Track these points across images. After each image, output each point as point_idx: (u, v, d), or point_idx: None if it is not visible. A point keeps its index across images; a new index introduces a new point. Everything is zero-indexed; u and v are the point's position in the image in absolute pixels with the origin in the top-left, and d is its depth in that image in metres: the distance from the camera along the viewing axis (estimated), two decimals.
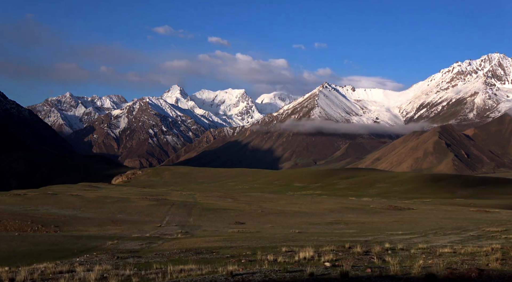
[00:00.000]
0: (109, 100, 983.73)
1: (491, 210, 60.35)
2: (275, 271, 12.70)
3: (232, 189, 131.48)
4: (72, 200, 61.87)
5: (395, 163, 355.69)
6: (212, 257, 19.14)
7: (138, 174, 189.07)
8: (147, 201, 62.36)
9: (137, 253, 22.49)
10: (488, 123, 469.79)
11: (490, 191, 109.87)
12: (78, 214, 48.15)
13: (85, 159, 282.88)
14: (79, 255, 22.48)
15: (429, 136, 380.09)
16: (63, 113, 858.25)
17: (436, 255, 16.81)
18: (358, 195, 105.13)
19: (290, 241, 26.17)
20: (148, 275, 13.57)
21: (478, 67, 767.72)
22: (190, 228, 38.57)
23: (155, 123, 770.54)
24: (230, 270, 12.53)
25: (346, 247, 20.55)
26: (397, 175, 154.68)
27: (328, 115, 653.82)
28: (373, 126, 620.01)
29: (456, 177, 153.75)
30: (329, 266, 13.71)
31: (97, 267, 15.69)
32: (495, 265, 13.14)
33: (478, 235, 27.90)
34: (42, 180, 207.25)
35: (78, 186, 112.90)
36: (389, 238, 27.33)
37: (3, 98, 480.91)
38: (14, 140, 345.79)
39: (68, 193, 74.46)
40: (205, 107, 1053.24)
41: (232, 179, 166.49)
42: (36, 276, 13.93)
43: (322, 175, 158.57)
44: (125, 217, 46.92)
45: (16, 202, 57.69)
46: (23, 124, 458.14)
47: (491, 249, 17.99)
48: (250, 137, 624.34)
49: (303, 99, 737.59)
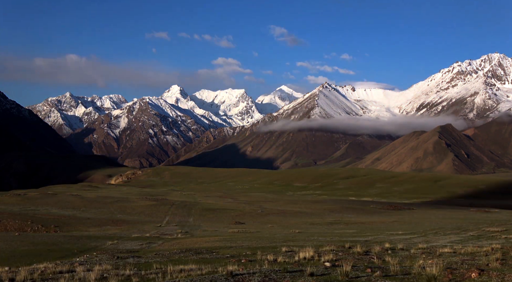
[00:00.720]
0: (109, 100, 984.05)
1: (491, 210, 60.34)
2: (275, 271, 12.70)
3: (232, 189, 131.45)
4: (72, 200, 61.88)
5: (395, 163, 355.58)
6: (212, 257, 19.13)
7: (138, 174, 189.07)
8: (147, 201, 62.37)
9: (137, 253, 22.49)
10: (488, 123, 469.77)
11: (490, 191, 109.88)
12: (78, 214, 48.14)
13: (85, 159, 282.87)
14: (79, 255, 22.47)
15: (429, 136, 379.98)
16: (63, 113, 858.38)
17: (436, 255, 16.80)
18: (358, 195, 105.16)
19: (290, 241, 26.17)
20: (148, 275, 13.56)
21: (478, 67, 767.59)
22: (190, 228, 38.57)
23: (155, 123, 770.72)
24: (230, 270, 12.53)
25: (346, 247, 20.55)
26: (397, 175, 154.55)
27: (328, 115, 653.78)
28: (373, 126, 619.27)
29: (456, 177, 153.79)
30: (329, 266, 13.70)
31: (97, 267, 15.69)
32: (495, 265, 13.13)
33: (478, 235, 27.90)
34: (42, 180, 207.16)
35: (78, 186, 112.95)
36: (389, 238, 27.33)
37: (3, 98, 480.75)
38: (14, 140, 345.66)
39: (68, 193, 74.47)
40: (205, 107, 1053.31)
41: (232, 179, 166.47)
42: (36, 276, 13.92)
43: (322, 175, 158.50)
44: (125, 217, 46.91)
45: (16, 202, 57.69)
46: (23, 124, 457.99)
47: (491, 249, 17.98)
48: (250, 137, 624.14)
49: (303, 99, 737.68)
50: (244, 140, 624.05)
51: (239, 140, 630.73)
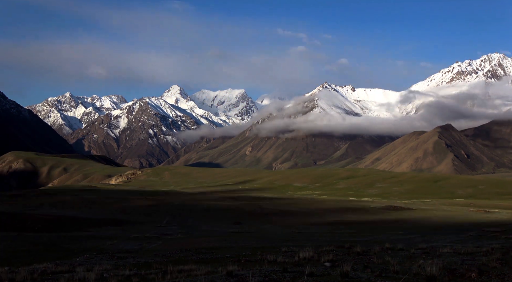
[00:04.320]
0: (109, 100, 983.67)
1: (491, 210, 60.31)
2: (274, 271, 12.68)
3: (232, 189, 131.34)
4: (72, 200, 61.89)
5: (395, 163, 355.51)
6: (212, 257, 19.13)
7: (138, 174, 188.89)
8: (147, 201, 62.38)
9: (137, 253, 22.49)
10: (488, 123, 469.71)
11: (490, 191, 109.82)
12: (78, 214, 48.13)
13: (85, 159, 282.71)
14: (79, 255, 22.46)
15: (429, 136, 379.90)
16: (63, 113, 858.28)
17: (436, 255, 16.80)
18: (358, 195, 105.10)
19: (290, 241, 26.18)
20: (148, 275, 13.55)
21: (478, 67, 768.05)
22: (190, 228, 38.58)
23: (155, 123, 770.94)
24: (230, 270, 12.52)
25: (346, 247, 20.55)
26: (397, 175, 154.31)
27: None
28: (373, 126, 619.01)
29: (456, 177, 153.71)
30: (329, 266, 13.69)
31: (97, 267, 15.70)
32: (495, 265, 13.13)
33: (478, 235, 27.91)
34: (42, 180, 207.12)
35: (78, 186, 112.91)
36: (389, 238, 27.33)
37: (3, 98, 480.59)
38: (14, 140, 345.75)
39: (68, 193, 74.46)
40: (205, 107, 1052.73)
41: (231, 179, 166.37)
42: (36, 276, 13.92)
43: (322, 175, 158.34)
44: (125, 217, 46.90)
45: (16, 202, 57.69)
46: (23, 124, 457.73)
47: (491, 249, 17.98)
48: (249, 138, 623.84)
49: (303, 99, 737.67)
50: (243, 140, 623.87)
51: (239, 140, 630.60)
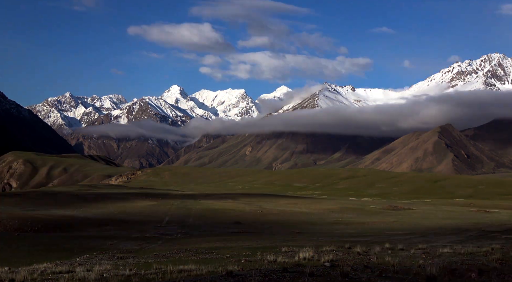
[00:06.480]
0: (109, 100, 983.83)
1: (491, 210, 60.29)
2: (274, 271, 12.68)
3: (232, 189, 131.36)
4: (72, 200, 61.89)
5: (395, 163, 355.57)
6: (212, 257, 19.14)
7: (137, 174, 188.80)
8: (147, 201, 62.37)
9: (136, 253, 22.50)
10: (488, 123, 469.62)
11: (490, 191, 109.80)
12: (78, 214, 48.13)
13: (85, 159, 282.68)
14: (79, 255, 22.47)
15: (429, 136, 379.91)
16: (63, 113, 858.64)
17: (436, 255, 16.81)
18: (358, 195, 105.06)
19: (290, 241, 26.19)
20: (148, 275, 13.55)
21: (478, 67, 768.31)
22: (190, 228, 38.58)
23: (155, 123, 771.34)
24: (230, 270, 12.53)
25: (346, 247, 20.56)
26: (397, 175, 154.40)
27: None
28: (373, 126, 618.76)
29: (456, 177, 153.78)
30: (329, 266, 13.69)
31: (97, 267, 15.70)
32: (495, 265, 13.13)
33: (478, 235, 27.93)
34: (42, 180, 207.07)
35: (77, 186, 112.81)
36: (389, 238, 27.33)
37: (3, 98, 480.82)
38: (14, 140, 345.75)
39: (68, 193, 74.43)
40: (204, 107, 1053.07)
41: (231, 179, 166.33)
42: (36, 276, 13.92)
43: (322, 175, 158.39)
44: (125, 217, 46.88)
45: (16, 202, 57.68)
46: (23, 124, 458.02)
47: (491, 249, 18.00)
48: (249, 138, 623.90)
49: (303, 99, 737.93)
50: (243, 140, 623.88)
51: (239, 141, 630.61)
